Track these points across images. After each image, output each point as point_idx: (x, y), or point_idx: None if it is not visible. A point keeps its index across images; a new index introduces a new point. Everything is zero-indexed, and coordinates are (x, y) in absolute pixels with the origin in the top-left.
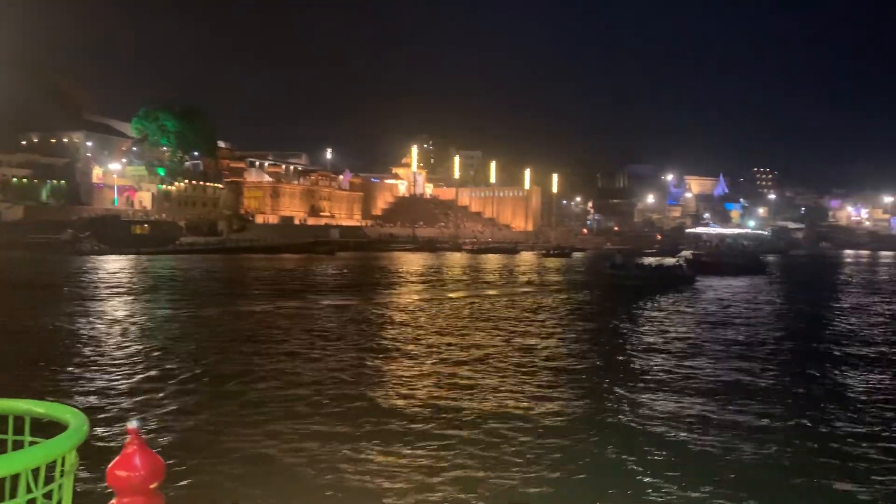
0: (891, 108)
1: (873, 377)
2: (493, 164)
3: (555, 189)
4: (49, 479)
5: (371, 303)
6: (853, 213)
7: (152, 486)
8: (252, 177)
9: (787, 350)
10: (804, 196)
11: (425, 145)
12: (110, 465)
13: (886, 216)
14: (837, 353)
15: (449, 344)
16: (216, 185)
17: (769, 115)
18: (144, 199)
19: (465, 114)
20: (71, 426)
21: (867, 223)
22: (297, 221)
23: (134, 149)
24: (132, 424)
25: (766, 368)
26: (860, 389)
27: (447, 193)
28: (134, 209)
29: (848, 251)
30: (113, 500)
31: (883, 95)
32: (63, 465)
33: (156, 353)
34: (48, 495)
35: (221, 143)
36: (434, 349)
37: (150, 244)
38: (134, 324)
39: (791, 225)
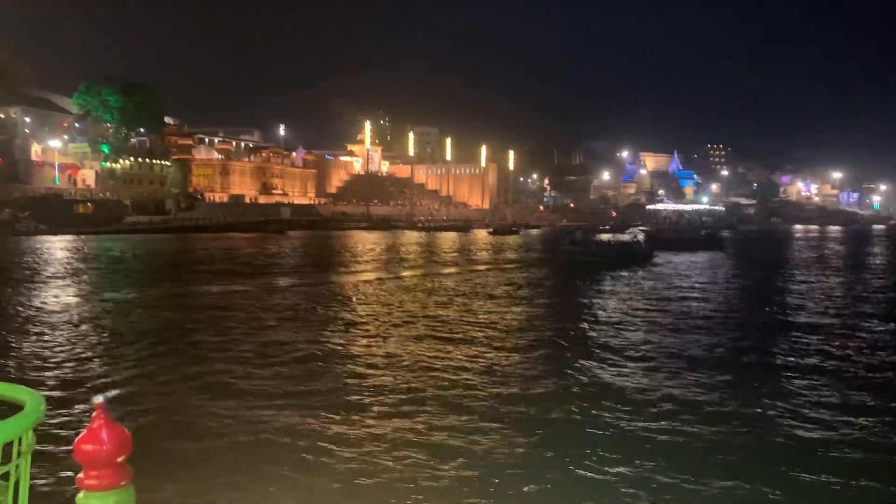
0: (842, 87)
1: (825, 348)
2: (448, 141)
3: (511, 166)
4: (6, 461)
5: (326, 282)
6: (803, 188)
7: (119, 460)
8: (201, 154)
9: (740, 322)
10: (756, 172)
11: (381, 121)
12: (77, 440)
13: (835, 192)
14: (790, 325)
15: (409, 321)
16: (163, 162)
17: (723, 91)
18: (88, 177)
19: (422, 90)
20: (27, 406)
21: (816, 199)
22: (248, 200)
23: (76, 125)
24: (98, 399)
25: (720, 340)
26: (811, 361)
27: (403, 171)
28: (76, 188)
29: (798, 226)
30: (80, 474)
31: (835, 74)
32: (20, 445)
33: (108, 337)
34: (5, 476)
35: (170, 120)
36: (394, 326)
37: (93, 224)
38: (81, 307)
39: (743, 201)
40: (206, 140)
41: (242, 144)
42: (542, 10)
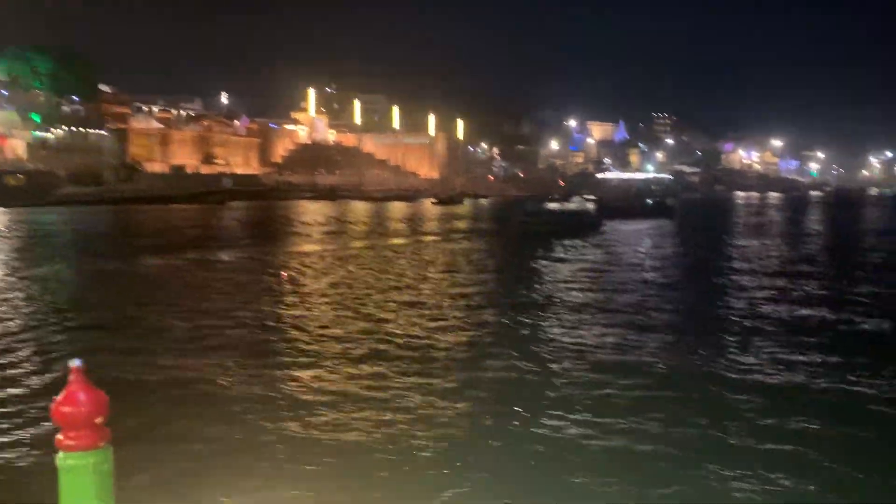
0: (783, 57)
1: (766, 308)
2: (395, 110)
3: (461, 136)
4: None
5: (266, 255)
6: (745, 156)
7: (97, 421)
8: (140, 123)
9: (683, 285)
10: (700, 140)
11: (327, 89)
12: (55, 403)
13: (775, 159)
14: (734, 286)
15: (358, 290)
16: (99, 132)
17: (668, 61)
18: (17, 147)
19: (370, 58)
20: None
21: (757, 166)
22: (189, 170)
23: (3, 93)
24: (75, 363)
25: (661, 301)
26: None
27: (350, 140)
28: (6, 158)
29: (740, 193)
30: (59, 435)
31: (776, 44)
32: None
33: (56, 312)
34: None
35: (106, 88)
36: (339, 295)
37: (25, 197)
38: (9, 283)
39: (687, 169)
40: (145, 109)
41: (183, 113)
42: None
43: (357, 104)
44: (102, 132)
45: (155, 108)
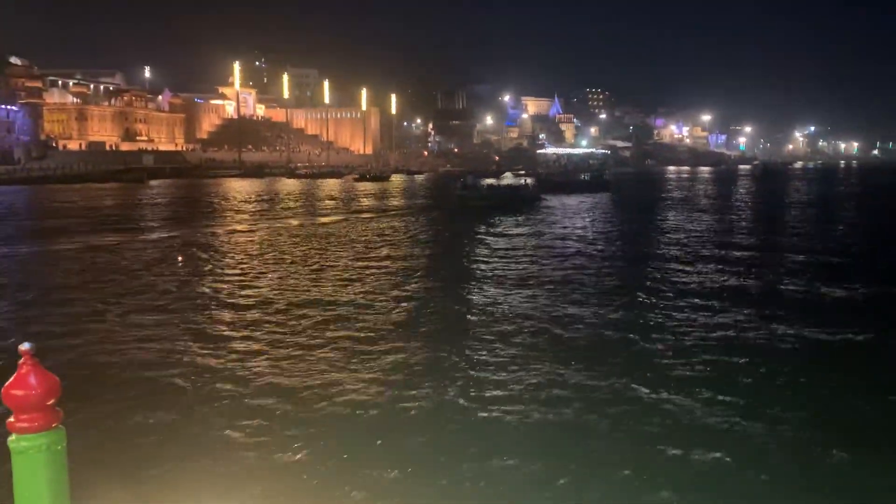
0: (714, 32)
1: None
2: (325, 84)
3: (394, 110)
4: None
5: (179, 236)
6: (676, 131)
7: (49, 403)
8: (54, 98)
9: (617, 254)
10: (633, 116)
11: (257, 63)
12: (5, 386)
13: (705, 134)
14: (662, 256)
15: (289, 268)
16: (9, 107)
17: (601, 36)
18: None
19: (301, 30)
20: None
21: (687, 141)
22: (109, 147)
23: None
24: (25, 346)
25: (595, 269)
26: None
27: (280, 115)
28: None
29: (671, 168)
30: (11, 419)
31: (707, 20)
32: None
33: None
34: None
35: (17, 61)
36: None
37: None
38: None
39: (620, 144)
40: (60, 83)
41: (102, 87)
42: None
43: (286, 78)
44: (13, 107)
45: (70, 83)
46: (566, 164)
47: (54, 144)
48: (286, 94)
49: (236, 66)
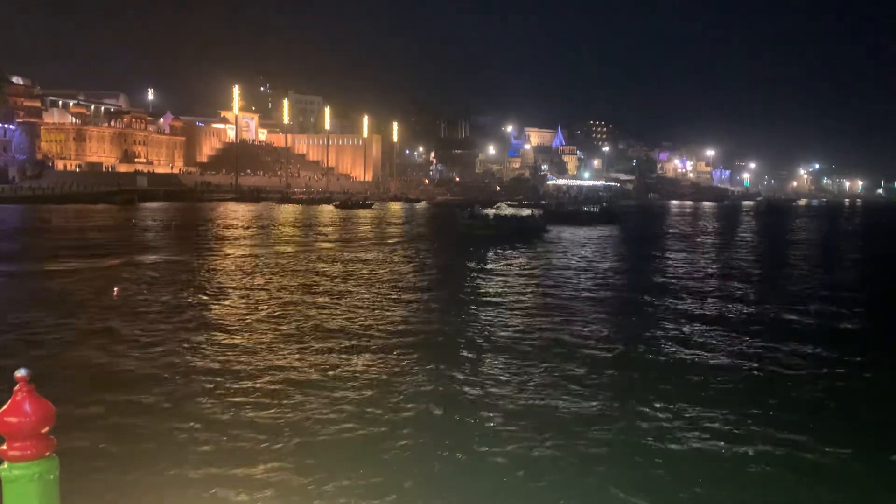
0: (719, 64)
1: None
2: (327, 110)
3: (396, 138)
4: None
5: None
6: (679, 165)
7: (43, 431)
8: (54, 118)
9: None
10: (636, 149)
11: (262, 88)
12: (0, 413)
13: (708, 169)
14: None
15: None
16: (6, 125)
17: (606, 71)
18: None
19: (308, 59)
20: None
21: (691, 175)
22: (106, 168)
23: None
24: (21, 372)
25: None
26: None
27: (282, 140)
28: None
29: (674, 202)
30: (3, 446)
31: (710, 58)
32: None
33: None
34: None
35: (19, 80)
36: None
37: None
38: None
39: (623, 176)
40: (61, 103)
41: (102, 108)
42: None
43: (286, 103)
44: (10, 126)
45: (71, 103)
46: (576, 195)
47: (50, 164)
48: (286, 120)
49: (236, 90)
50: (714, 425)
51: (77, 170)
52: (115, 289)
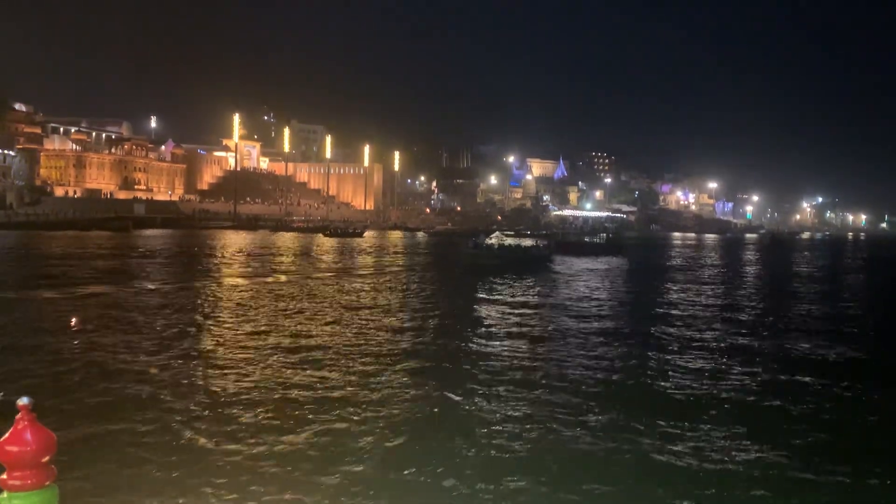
0: (722, 96)
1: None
2: (328, 139)
3: (397, 167)
4: None
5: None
6: (682, 197)
7: (44, 460)
8: (55, 144)
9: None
10: (638, 180)
11: (266, 117)
12: (1, 441)
13: (711, 201)
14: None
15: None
16: (6, 151)
17: (609, 103)
18: None
19: (310, 89)
20: None
21: (693, 207)
22: (106, 195)
23: None
24: (23, 401)
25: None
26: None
27: (286, 168)
28: None
29: (676, 234)
30: (3, 475)
31: (712, 88)
32: None
33: None
34: None
35: (22, 107)
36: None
37: None
38: None
39: (625, 208)
40: (62, 130)
41: (104, 135)
42: (433, 16)
43: (287, 132)
44: (10, 152)
45: (73, 130)
46: (582, 226)
47: (49, 190)
48: (287, 148)
49: (236, 119)
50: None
51: (75, 196)
52: (74, 319)
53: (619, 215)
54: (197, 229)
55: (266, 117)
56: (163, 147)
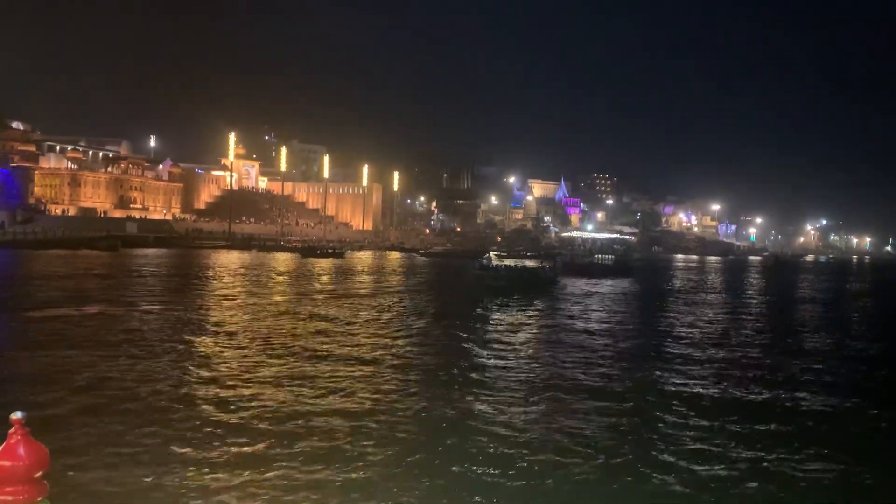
0: (725, 119)
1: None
2: (325, 158)
3: (396, 187)
4: None
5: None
6: (684, 219)
7: (37, 475)
8: (50, 162)
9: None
10: (640, 202)
11: (266, 137)
12: None
13: (714, 223)
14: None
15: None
16: None
17: (610, 126)
18: None
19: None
20: None
21: (696, 229)
22: (101, 214)
23: None
24: (16, 415)
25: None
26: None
27: (285, 188)
28: None
29: (678, 255)
30: None
31: (715, 109)
32: None
33: None
34: None
35: (19, 125)
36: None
37: None
38: None
39: (627, 229)
40: (58, 148)
41: (101, 154)
42: (432, 37)
43: (284, 151)
44: (3, 170)
45: (69, 148)
46: (590, 247)
47: (44, 209)
48: (284, 167)
49: (232, 137)
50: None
51: (68, 214)
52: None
53: (627, 237)
54: (189, 248)
55: (267, 137)
56: (160, 166)
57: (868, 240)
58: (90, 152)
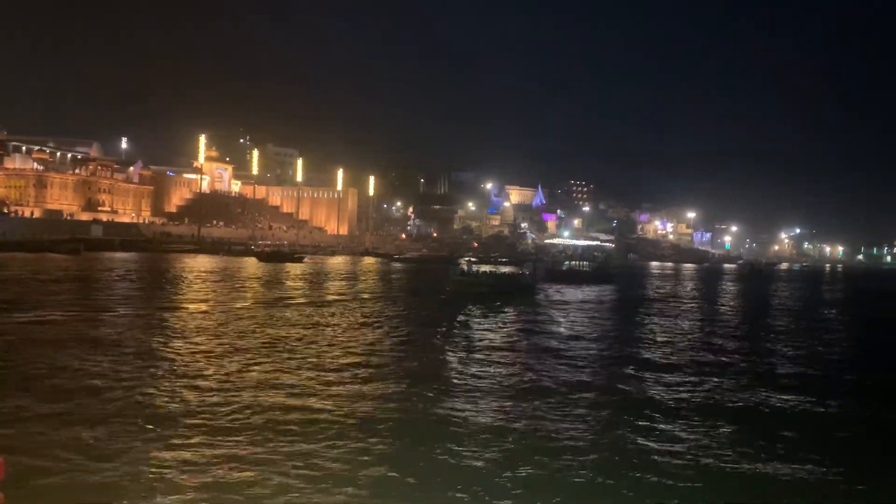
0: (700, 128)
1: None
2: (299, 162)
3: (372, 192)
4: None
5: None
6: (660, 226)
7: None
8: (15, 163)
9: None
10: (616, 209)
11: (241, 140)
12: None
13: (689, 231)
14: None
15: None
16: None
17: (587, 132)
18: None
19: (287, 111)
20: None
21: (671, 237)
22: (68, 216)
23: None
24: None
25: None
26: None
27: (258, 192)
28: None
29: (654, 263)
30: None
31: (689, 118)
32: None
33: None
34: None
35: None
36: None
37: None
38: None
39: (603, 236)
40: (24, 149)
41: (69, 155)
42: (407, 45)
43: (256, 154)
44: None
45: (35, 149)
46: (571, 254)
47: (6, 211)
48: (257, 171)
49: (202, 140)
50: None
51: (33, 217)
52: None
53: (606, 244)
54: (156, 252)
55: (241, 140)
56: (131, 168)
57: (840, 249)
58: (58, 153)
